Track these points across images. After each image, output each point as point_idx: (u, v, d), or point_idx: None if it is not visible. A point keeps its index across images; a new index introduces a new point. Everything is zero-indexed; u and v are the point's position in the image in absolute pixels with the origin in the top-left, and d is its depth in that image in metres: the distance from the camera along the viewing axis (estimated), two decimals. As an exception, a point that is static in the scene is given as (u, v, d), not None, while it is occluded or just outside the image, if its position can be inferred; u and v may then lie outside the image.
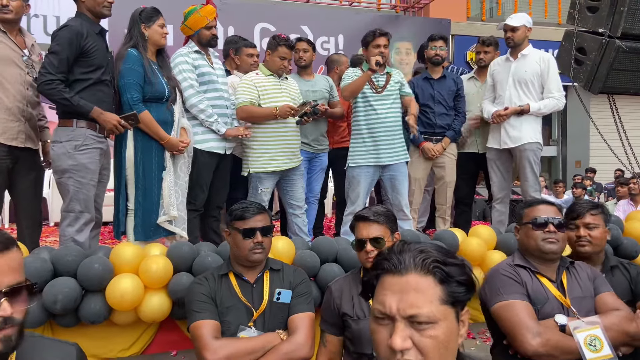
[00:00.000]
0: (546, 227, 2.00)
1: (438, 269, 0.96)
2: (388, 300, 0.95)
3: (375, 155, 3.64)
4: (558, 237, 2.01)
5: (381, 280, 0.99)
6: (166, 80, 3.12)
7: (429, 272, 0.96)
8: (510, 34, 3.82)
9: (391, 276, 0.97)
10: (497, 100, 3.94)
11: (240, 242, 2.08)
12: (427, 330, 0.93)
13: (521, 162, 3.84)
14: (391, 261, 0.98)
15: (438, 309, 0.94)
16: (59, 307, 2.39)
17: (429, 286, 0.95)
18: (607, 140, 4.18)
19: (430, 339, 0.93)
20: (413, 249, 0.99)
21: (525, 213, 2.10)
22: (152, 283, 2.56)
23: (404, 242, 1.03)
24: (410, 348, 0.92)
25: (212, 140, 3.42)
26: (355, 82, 3.54)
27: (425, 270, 0.96)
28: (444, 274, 0.96)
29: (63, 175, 2.87)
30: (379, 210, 2.09)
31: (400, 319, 0.93)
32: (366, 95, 3.64)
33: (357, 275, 2.13)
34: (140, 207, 3.01)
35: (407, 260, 0.97)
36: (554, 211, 2.07)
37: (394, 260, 0.98)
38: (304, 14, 8.35)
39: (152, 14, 3.09)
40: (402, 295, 0.94)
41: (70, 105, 2.79)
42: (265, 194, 3.55)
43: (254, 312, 2.05)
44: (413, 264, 0.96)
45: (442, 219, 4.18)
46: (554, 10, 11.72)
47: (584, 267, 2.13)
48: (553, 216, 2.03)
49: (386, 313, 0.95)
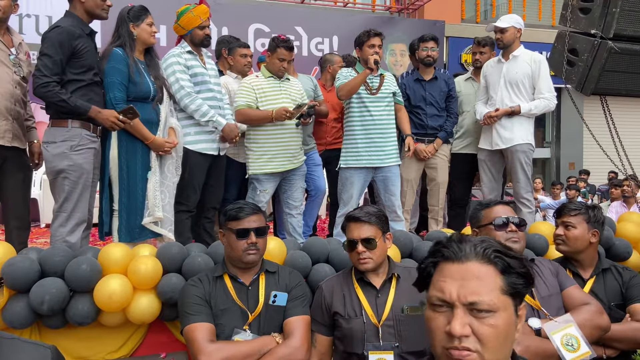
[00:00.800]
0: (508, 227, 2.00)
1: (499, 258, 0.96)
2: (448, 287, 0.95)
3: (367, 157, 3.63)
4: (519, 237, 2.03)
5: (439, 268, 0.99)
6: (153, 80, 3.09)
7: (490, 262, 0.96)
8: (499, 35, 3.83)
9: (450, 263, 0.97)
10: (489, 102, 3.95)
11: (234, 242, 2.06)
12: (487, 318, 0.92)
13: (513, 163, 3.83)
14: (451, 249, 0.98)
15: (499, 298, 0.94)
16: (46, 308, 2.35)
17: (490, 275, 0.95)
18: (600, 142, 4.19)
19: (490, 327, 0.92)
20: (473, 239, 1.00)
21: (484, 215, 2.10)
22: (141, 284, 2.52)
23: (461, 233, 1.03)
24: (469, 335, 0.91)
25: (205, 141, 3.40)
26: (352, 81, 3.53)
27: (486, 259, 0.96)
28: (505, 264, 0.96)
29: (58, 176, 2.84)
30: (370, 210, 2.09)
31: (460, 306, 0.93)
32: (360, 97, 3.63)
33: (349, 274, 2.12)
34: (125, 208, 2.98)
35: (467, 248, 0.97)
36: (511, 211, 2.09)
37: (454, 247, 0.98)
38: (298, 15, 8.34)
39: (140, 12, 3.06)
40: (463, 282, 0.94)
41: (67, 107, 2.77)
42: (263, 195, 3.53)
43: (249, 315, 2.04)
44: (474, 253, 0.97)
45: (434, 220, 4.17)
46: (547, 12, 11.78)
47: (545, 263, 2.15)
48: (512, 215, 2.04)
49: (445, 300, 0.95)
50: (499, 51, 4.00)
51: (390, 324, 1.95)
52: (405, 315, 1.96)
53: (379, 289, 2.02)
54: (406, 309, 1.97)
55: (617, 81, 3.72)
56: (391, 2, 9.73)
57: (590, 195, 9.71)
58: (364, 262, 1.99)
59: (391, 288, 2.03)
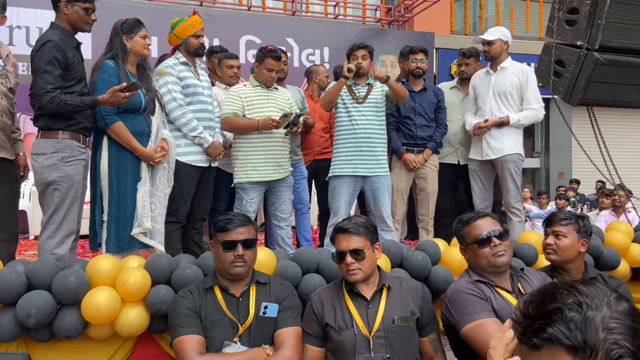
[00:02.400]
0: (491, 242, 2.00)
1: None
2: None
3: (355, 166, 3.64)
4: (505, 248, 2.02)
5: (553, 349, 0.76)
6: (145, 91, 3.09)
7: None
8: (486, 47, 3.88)
9: (570, 356, 0.75)
10: (478, 113, 3.99)
11: (221, 254, 2.06)
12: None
13: (502, 173, 3.86)
14: (573, 340, 0.75)
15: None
16: (33, 321, 2.32)
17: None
18: (588, 151, 4.23)
19: None
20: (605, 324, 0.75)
21: (467, 232, 2.09)
22: (129, 296, 2.50)
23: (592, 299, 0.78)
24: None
25: (195, 152, 3.40)
26: (329, 90, 3.62)
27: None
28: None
29: (48, 187, 2.82)
30: (359, 221, 2.09)
31: None
32: (347, 106, 3.66)
33: (339, 286, 2.11)
34: (114, 219, 2.96)
35: (595, 344, 0.74)
36: (491, 222, 2.07)
37: (578, 339, 0.74)
38: (289, 27, 8.39)
39: (134, 25, 3.07)
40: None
41: (80, 108, 2.80)
42: (250, 204, 3.52)
43: (240, 327, 2.03)
44: (602, 354, 0.73)
45: (424, 230, 4.18)
46: (535, 24, 11.94)
47: (534, 273, 2.16)
48: (493, 228, 2.04)
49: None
50: (485, 62, 4.05)
51: (381, 335, 1.95)
52: (396, 326, 1.96)
53: (369, 300, 2.02)
54: (397, 319, 1.97)
55: (603, 92, 3.77)
56: (381, 14, 9.82)
57: (580, 204, 9.78)
58: (353, 273, 1.99)
59: (382, 299, 2.02)
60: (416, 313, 2.03)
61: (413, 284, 2.14)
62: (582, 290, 0.79)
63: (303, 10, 9.49)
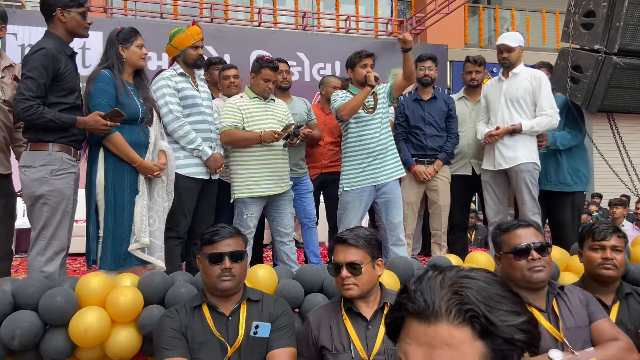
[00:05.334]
0: (529, 255, 1.83)
1: (475, 318, 0.73)
2: (412, 353, 0.74)
3: (370, 177, 3.51)
4: (544, 263, 1.84)
5: (406, 324, 0.78)
6: (142, 102, 3.00)
7: (465, 322, 0.73)
8: (506, 54, 3.69)
9: (417, 322, 0.76)
10: (490, 121, 3.81)
11: (208, 268, 1.94)
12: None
13: (517, 184, 3.64)
14: (416, 302, 0.76)
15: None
16: (17, 343, 2.20)
17: (465, 341, 0.72)
18: (610, 163, 4.03)
19: None
20: (446, 284, 0.76)
21: (504, 240, 1.93)
22: (119, 317, 2.37)
23: (434, 270, 0.80)
24: None
25: (195, 165, 3.29)
26: (354, 101, 3.43)
27: (460, 318, 0.73)
28: (483, 325, 0.72)
29: (37, 202, 2.73)
30: (360, 233, 1.94)
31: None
32: (358, 117, 3.53)
33: (338, 304, 1.95)
34: (110, 234, 2.85)
35: (436, 303, 0.75)
36: (533, 233, 1.91)
37: (420, 301, 0.76)
38: (300, 41, 8.37)
39: (129, 34, 2.99)
40: (431, 350, 0.73)
41: (55, 125, 2.69)
42: (250, 219, 3.40)
43: (229, 348, 1.89)
44: (444, 309, 0.74)
45: (437, 245, 4.00)
46: (552, 35, 11.76)
47: (575, 292, 1.95)
48: (534, 240, 1.86)
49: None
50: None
51: (381, 359, 1.77)
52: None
53: (369, 320, 1.86)
54: (399, 342, 1.79)
55: (624, 98, 3.59)
56: (394, 28, 9.75)
57: (603, 219, 9.46)
58: (348, 288, 1.84)
59: (383, 319, 1.85)
60: None
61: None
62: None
63: (314, 25, 9.47)
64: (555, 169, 3.85)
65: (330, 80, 4.35)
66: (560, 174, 3.83)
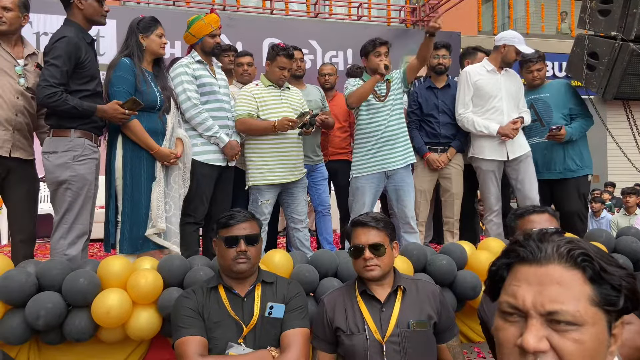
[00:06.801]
0: None
1: (589, 263, 0.78)
2: (522, 292, 0.79)
3: (379, 163, 3.53)
4: None
5: (513, 270, 0.83)
6: (160, 90, 3.04)
7: (577, 266, 0.79)
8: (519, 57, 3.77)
9: (527, 266, 0.81)
10: (491, 113, 3.79)
11: (224, 251, 1.98)
12: (570, 332, 0.75)
13: (527, 170, 3.76)
14: (528, 248, 0.82)
15: (586, 309, 0.77)
16: (42, 323, 2.28)
17: (576, 281, 0.78)
18: (625, 152, 4.01)
19: (574, 343, 0.75)
20: (557, 238, 0.82)
21: (518, 225, 1.94)
22: (140, 298, 2.44)
23: (545, 231, 0.86)
24: (547, 351, 0.75)
25: (212, 152, 3.33)
26: (362, 87, 3.46)
27: (572, 262, 0.79)
28: (595, 270, 0.78)
29: (60, 187, 2.80)
30: (378, 216, 1.97)
31: (536, 315, 0.77)
32: (369, 105, 3.54)
33: (352, 287, 1.99)
34: (128, 219, 2.91)
35: (549, 248, 0.81)
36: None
37: (532, 247, 0.82)
38: (312, 29, 8.33)
39: (150, 23, 3.04)
40: (541, 288, 0.78)
41: (77, 112, 2.74)
42: (266, 206, 3.45)
43: (244, 328, 1.93)
44: (557, 254, 0.80)
45: (450, 232, 4.01)
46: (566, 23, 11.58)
47: None
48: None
49: (518, 307, 0.79)
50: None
51: (395, 340, 1.81)
52: (411, 331, 1.82)
53: (383, 302, 1.89)
54: (413, 324, 1.83)
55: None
56: (406, 15, 9.67)
57: (617, 208, 9.38)
58: (371, 269, 1.86)
59: (396, 301, 1.89)
60: (433, 317, 1.89)
61: (430, 287, 2.00)
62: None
63: (326, 12, 9.43)
64: (560, 157, 3.93)
65: (323, 68, 4.40)
66: (566, 161, 3.92)
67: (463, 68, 4.17)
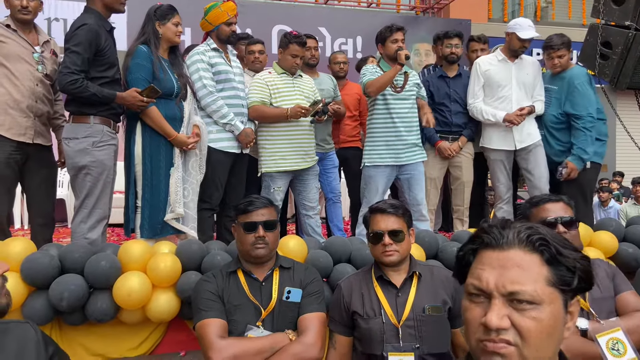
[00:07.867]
0: (556, 229, 1.87)
1: (545, 247, 0.87)
2: (486, 275, 0.87)
3: (392, 155, 3.56)
4: (571, 237, 1.88)
5: (479, 255, 0.91)
6: (177, 77, 3.09)
7: (535, 250, 0.87)
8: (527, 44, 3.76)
9: (491, 251, 0.89)
10: (500, 102, 3.83)
11: (243, 236, 2.03)
12: (529, 310, 0.83)
13: (537, 159, 3.78)
14: (492, 235, 0.90)
15: (544, 289, 0.85)
16: (65, 304, 2.35)
17: (534, 264, 0.86)
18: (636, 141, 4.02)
19: (533, 320, 0.83)
20: (518, 225, 0.91)
21: (533, 213, 1.96)
22: (160, 281, 2.51)
23: (507, 219, 0.95)
24: (508, 328, 0.83)
25: (227, 139, 3.38)
26: (383, 78, 3.45)
27: (530, 246, 0.87)
28: (551, 253, 0.87)
29: (80, 172, 2.86)
30: (396, 203, 2.02)
31: (498, 296, 0.85)
32: (385, 95, 3.56)
33: (369, 272, 2.05)
34: (148, 205, 2.98)
35: (510, 234, 0.89)
36: (562, 208, 1.93)
37: (495, 233, 0.90)
38: (321, 16, 8.32)
39: (167, 11, 3.07)
40: (503, 271, 0.86)
41: (97, 99, 2.80)
42: (277, 192, 3.50)
43: (263, 311, 1.99)
44: (517, 239, 0.88)
45: (459, 220, 4.06)
46: (578, 11, 11.46)
47: (602, 265, 2.00)
48: (562, 215, 1.90)
49: (482, 288, 0.87)
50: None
51: (410, 324, 1.87)
52: (426, 316, 1.88)
53: (399, 287, 1.94)
54: (428, 309, 1.89)
55: (653, 75, 3.56)
56: (416, 2, 9.62)
57: (624, 198, 9.37)
58: (390, 254, 1.91)
59: (412, 287, 1.94)
60: (448, 303, 1.94)
61: (445, 273, 2.05)
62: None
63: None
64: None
65: (337, 56, 4.40)
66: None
67: (469, 55, 4.22)
